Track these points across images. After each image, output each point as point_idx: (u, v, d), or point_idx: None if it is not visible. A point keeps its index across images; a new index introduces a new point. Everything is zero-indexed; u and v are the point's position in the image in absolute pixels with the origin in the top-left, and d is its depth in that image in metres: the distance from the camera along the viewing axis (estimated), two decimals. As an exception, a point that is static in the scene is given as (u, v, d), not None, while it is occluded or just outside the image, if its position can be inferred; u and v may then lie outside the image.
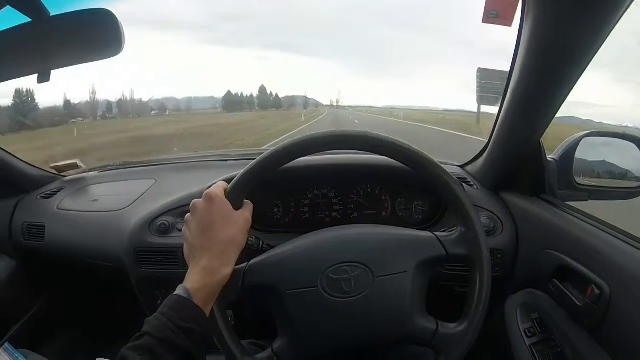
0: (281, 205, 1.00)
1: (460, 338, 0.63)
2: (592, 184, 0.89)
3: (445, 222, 0.97)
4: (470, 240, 0.66)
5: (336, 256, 0.65)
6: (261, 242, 0.74)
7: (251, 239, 0.71)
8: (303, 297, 0.63)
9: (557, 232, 0.80)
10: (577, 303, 0.70)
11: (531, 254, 0.88)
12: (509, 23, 0.73)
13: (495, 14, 0.73)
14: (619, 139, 0.89)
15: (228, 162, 1.30)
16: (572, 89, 0.73)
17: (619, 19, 0.60)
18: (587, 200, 0.88)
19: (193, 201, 0.64)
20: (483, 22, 0.75)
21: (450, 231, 0.70)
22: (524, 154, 0.87)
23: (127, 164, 1.43)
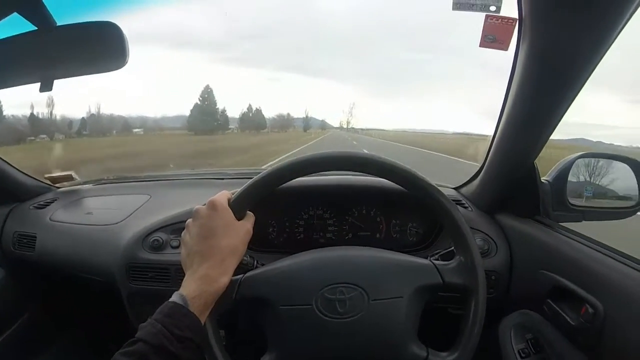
0: (276, 225, 1.00)
1: None
2: (586, 204, 0.90)
3: (439, 244, 0.97)
4: (468, 270, 0.66)
5: (333, 276, 0.65)
6: (255, 262, 0.73)
7: (245, 258, 0.71)
8: (296, 314, 0.63)
9: (551, 252, 0.81)
10: (571, 322, 0.70)
11: (525, 275, 0.88)
12: (505, 47, 0.76)
13: (492, 39, 0.76)
14: (613, 160, 0.91)
15: (224, 180, 1.30)
16: (565, 112, 0.75)
17: (611, 44, 0.62)
18: (581, 221, 0.89)
19: (196, 207, 0.63)
20: (480, 46, 0.77)
21: (449, 260, 0.70)
22: (518, 176, 0.88)
23: (123, 178, 1.42)
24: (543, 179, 0.89)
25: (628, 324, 0.60)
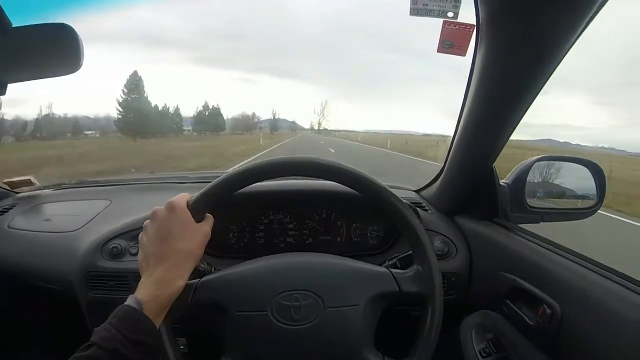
0: (236, 231, 0.99)
1: None
2: (545, 206, 0.93)
3: (399, 247, 0.98)
4: (425, 279, 0.67)
5: (288, 282, 0.65)
6: (213, 268, 0.72)
7: (202, 265, 0.70)
8: (251, 320, 0.63)
9: (509, 254, 0.82)
10: (530, 323, 0.71)
11: (485, 277, 0.90)
12: (462, 53, 0.77)
13: (450, 44, 0.77)
14: (571, 163, 0.94)
15: (185, 184, 1.28)
16: (523, 115, 0.77)
17: (569, 49, 0.64)
18: (539, 222, 0.91)
19: (154, 209, 0.63)
20: (438, 51, 0.78)
21: (407, 263, 0.71)
22: (477, 178, 0.90)
23: (83, 183, 1.37)
24: (502, 181, 0.91)
25: (584, 324, 0.62)
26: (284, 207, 1.00)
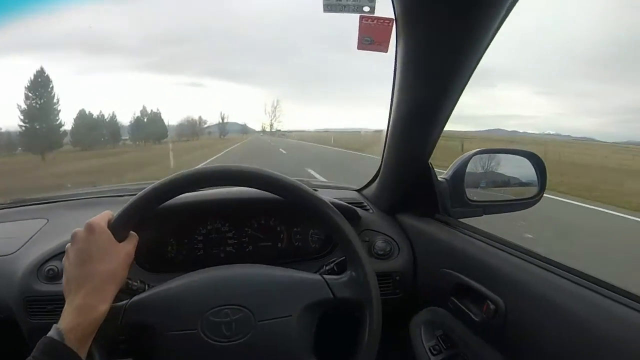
0: (174, 243, 0.95)
1: None
2: (486, 199, 0.92)
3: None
4: (360, 285, 0.65)
5: (218, 298, 0.62)
6: (146, 286, 0.69)
7: (135, 283, 0.67)
8: (181, 339, 0.60)
9: (450, 251, 0.81)
10: (475, 319, 0.71)
11: (429, 274, 0.88)
12: (384, 49, 0.74)
13: (370, 41, 0.73)
14: (511, 154, 0.92)
15: (124, 197, 1.21)
16: (452, 108, 0.75)
17: (490, 40, 0.62)
18: (481, 216, 0.90)
19: (74, 230, 0.60)
20: (358, 48, 0.74)
21: (342, 274, 0.69)
22: (415, 175, 0.88)
23: (20, 201, 1.29)
24: (441, 177, 0.89)
25: (528, 317, 0.62)
26: (221, 215, 0.97)
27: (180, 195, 0.66)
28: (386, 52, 0.74)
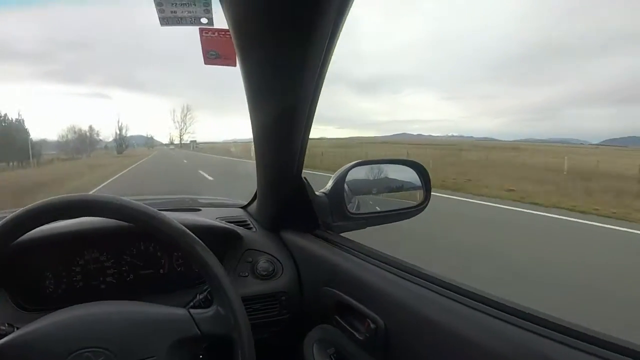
0: (52, 277, 0.88)
1: None
2: (368, 211, 0.89)
3: (233, 269, 0.91)
4: (228, 321, 0.62)
5: (80, 340, 0.57)
6: (15, 329, 0.62)
7: (3, 327, 0.61)
8: None
9: (330, 268, 0.79)
10: (359, 337, 0.69)
11: (314, 292, 0.86)
12: (232, 63, 0.69)
13: (216, 55, 0.68)
14: (392, 164, 0.89)
15: None
16: (310, 119, 0.72)
17: (332, 40, 0.59)
18: (365, 228, 0.88)
19: None
20: (205, 63, 0.69)
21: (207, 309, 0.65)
22: (291, 191, 0.85)
23: None
24: (319, 191, 0.86)
25: (407, 334, 0.61)
26: (98, 244, 0.90)
27: (52, 225, 0.63)
28: (235, 66, 0.68)
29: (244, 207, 1.08)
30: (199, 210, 1.04)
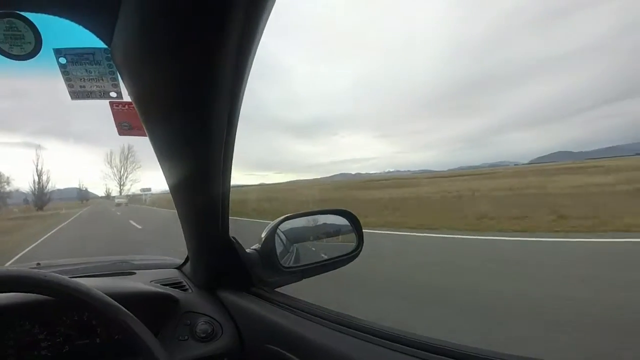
0: None
1: None
2: (302, 263, 0.89)
3: (166, 332, 0.87)
4: None
5: None
6: None
7: None
8: None
9: (269, 326, 0.77)
10: None
11: (256, 351, 0.83)
12: (144, 133, 0.68)
13: (129, 126, 0.68)
14: (324, 215, 0.91)
15: None
16: (226, 183, 0.72)
17: (236, 113, 0.61)
18: (301, 280, 0.87)
19: None
20: (120, 134, 0.69)
21: None
22: (221, 251, 0.84)
23: None
24: (250, 248, 0.86)
25: None
26: (27, 316, 0.84)
27: None
28: (147, 136, 0.68)
29: (179, 267, 1.05)
30: (134, 273, 1.00)
